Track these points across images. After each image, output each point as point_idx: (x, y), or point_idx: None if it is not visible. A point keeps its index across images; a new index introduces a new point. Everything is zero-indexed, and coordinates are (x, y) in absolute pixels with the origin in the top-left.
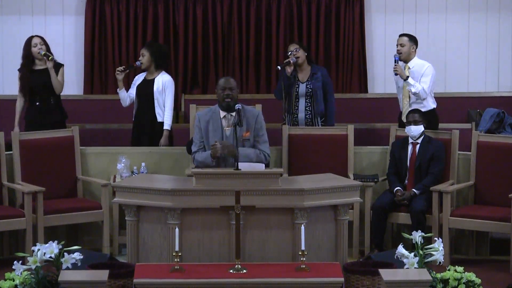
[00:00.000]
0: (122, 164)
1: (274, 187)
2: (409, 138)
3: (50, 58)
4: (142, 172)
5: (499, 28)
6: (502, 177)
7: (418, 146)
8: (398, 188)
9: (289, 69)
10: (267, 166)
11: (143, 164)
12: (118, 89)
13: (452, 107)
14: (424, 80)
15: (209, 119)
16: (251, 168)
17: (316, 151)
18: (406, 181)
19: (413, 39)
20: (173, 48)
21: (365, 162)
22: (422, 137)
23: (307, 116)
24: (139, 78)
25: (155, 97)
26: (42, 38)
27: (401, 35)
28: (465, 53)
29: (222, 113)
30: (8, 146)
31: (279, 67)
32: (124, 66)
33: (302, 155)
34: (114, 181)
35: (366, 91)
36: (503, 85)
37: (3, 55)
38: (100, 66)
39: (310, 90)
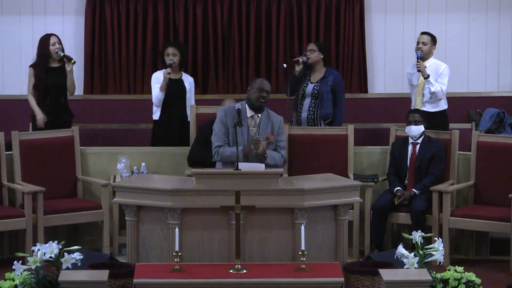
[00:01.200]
0: (122, 164)
1: (274, 187)
2: (409, 138)
3: (73, 61)
4: (142, 172)
5: (499, 28)
6: (502, 177)
7: (418, 146)
8: (398, 188)
9: (297, 68)
10: (268, 167)
11: (143, 164)
12: (160, 90)
13: (452, 107)
14: (442, 81)
15: (235, 115)
16: (251, 168)
17: (316, 151)
18: (406, 181)
19: (434, 39)
20: None
21: (365, 162)
22: (423, 137)
23: (309, 116)
24: (160, 76)
25: (187, 97)
26: (58, 37)
27: (423, 33)
28: (465, 53)
29: (250, 113)
30: (8, 146)
31: (285, 65)
32: (167, 69)
33: (302, 155)
34: (114, 181)
35: (366, 91)
36: (503, 85)
37: (3, 55)
38: (100, 66)
39: (317, 91)
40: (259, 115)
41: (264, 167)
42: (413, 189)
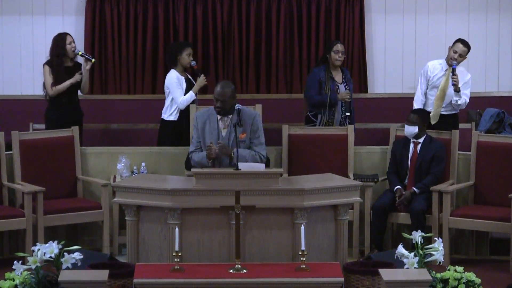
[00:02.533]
0: (122, 164)
1: (274, 187)
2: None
3: (93, 60)
4: (142, 172)
5: (499, 28)
6: (502, 177)
7: (419, 145)
8: (398, 187)
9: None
10: (267, 166)
11: (143, 164)
12: (195, 94)
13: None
14: (466, 92)
15: (206, 119)
16: (251, 168)
17: (316, 151)
18: (406, 181)
19: (469, 49)
20: None
21: (365, 162)
22: (424, 136)
23: (342, 117)
24: (179, 77)
25: None
26: (71, 36)
27: (461, 42)
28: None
29: (219, 115)
30: (8, 146)
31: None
32: (197, 72)
33: (302, 155)
34: (114, 181)
35: (366, 91)
36: (503, 85)
37: (3, 55)
38: (100, 66)
39: (349, 90)
40: (229, 116)
41: (263, 167)
42: (413, 187)
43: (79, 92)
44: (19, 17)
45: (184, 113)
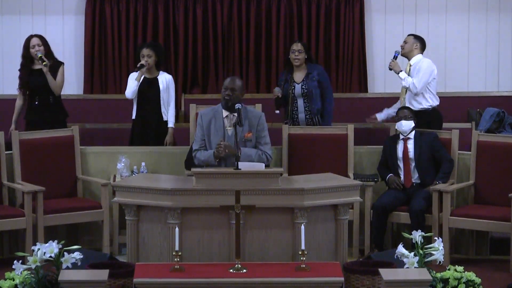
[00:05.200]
0: (122, 164)
1: (274, 186)
2: (400, 135)
3: (44, 63)
4: (142, 172)
5: (499, 28)
6: (502, 177)
7: (411, 141)
8: (391, 174)
9: (278, 94)
10: (267, 166)
11: (143, 163)
12: (136, 82)
13: (452, 106)
14: (417, 77)
15: (211, 118)
16: (251, 168)
17: (316, 150)
18: (402, 177)
19: (418, 38)
20: (173, 48)
21: (365, 161)
22: (413, 132)
23: (307, 116)
24: (135, 75)
25: (161, 96)
26: (41, 37)
27: (408, 35)
28: (465, 53)
29: (225, 113)
30: (8, 146)
31: (277, 111)
32: (136, 69)
33: (302, 155)
34: (114, 180)
35: (366, 91)
36: (503, 84)
37: (3, 55)
38: (100, 66)
39: (306, 90)
40: (234, 114)
41: (264, 167)
42: (436, 181)
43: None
44: (19, 17)
45: (148, 112)
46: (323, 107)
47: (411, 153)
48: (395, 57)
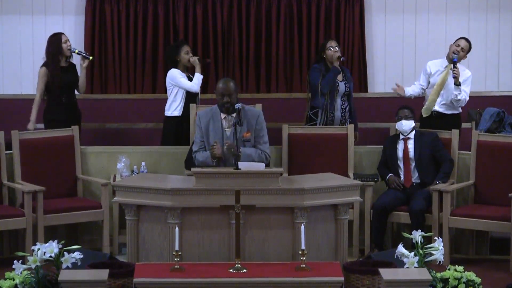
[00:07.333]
0: (122, 164)
1: (274, 186)
2: (400, 134)
3: (91, 58)
4: (142, 172)
5: (499, 28)
6: (502, 177)
7: (411, 141)
8: (391, 174)
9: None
10: (267, 166)
11: (143, 163)
12: (200, 74)
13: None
14: (466, 90)
15: (210, 119)
16: (251, 168)
17: (316, 150)
18: (402, 177)
19: (470, 47)
20: None
21: (365, 161)
22: (414, 132)
23: (343, 115)
24: (181, 72)
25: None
26: (66, 35)
27: (462, 38)
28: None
29: (223, 114)
30: (8, 146)
31: (342, 58)
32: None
33: (302, 154)
34: (114, 180)
35: (366, 91)
36: (503, 84)
37: (3, 55)
38: (100, 66)
39: (348, 89)
40: (232, 115)
41: (264, 167)
42: (436, 181)
43: (77, 92)
44: (19, 17)
45: (187, 109)
46: (350, 108)
47: (411, 153)
48: (455, 63)
